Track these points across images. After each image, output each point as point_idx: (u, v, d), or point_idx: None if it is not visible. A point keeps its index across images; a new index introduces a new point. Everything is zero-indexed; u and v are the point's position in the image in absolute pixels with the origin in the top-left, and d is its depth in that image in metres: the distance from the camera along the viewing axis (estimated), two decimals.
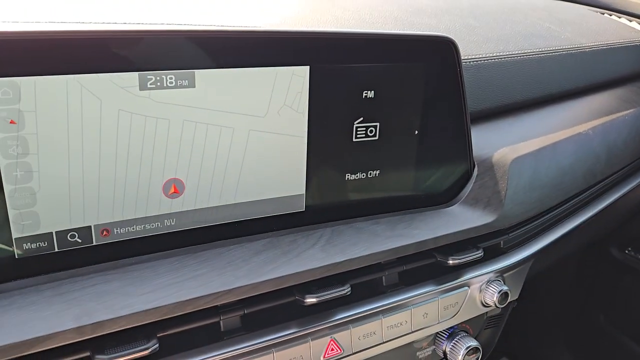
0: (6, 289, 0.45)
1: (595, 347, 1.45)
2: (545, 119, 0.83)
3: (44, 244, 0.47)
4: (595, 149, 0.82)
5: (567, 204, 0.80)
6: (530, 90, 0.84)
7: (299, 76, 0.53)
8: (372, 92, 0.57)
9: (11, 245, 0.45)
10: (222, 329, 0.52)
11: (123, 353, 0.45)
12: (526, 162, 0.70)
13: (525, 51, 0.85)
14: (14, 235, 0.45)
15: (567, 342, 1.51)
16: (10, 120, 0.42)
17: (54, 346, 0.42)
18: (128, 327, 0.45)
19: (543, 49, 0.88)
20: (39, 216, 0.46)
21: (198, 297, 0.48)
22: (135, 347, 0.46)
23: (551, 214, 0.77)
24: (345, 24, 0.80)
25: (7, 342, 0.40)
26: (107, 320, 0.44)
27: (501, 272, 0.69)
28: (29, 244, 0.46)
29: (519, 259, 0.71)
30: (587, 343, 1.47)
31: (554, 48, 0.90)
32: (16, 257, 0.46)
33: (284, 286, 0.52)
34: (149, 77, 0.46)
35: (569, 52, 0.92)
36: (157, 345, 0.47)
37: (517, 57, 0.83)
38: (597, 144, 0.83)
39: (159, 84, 0.47)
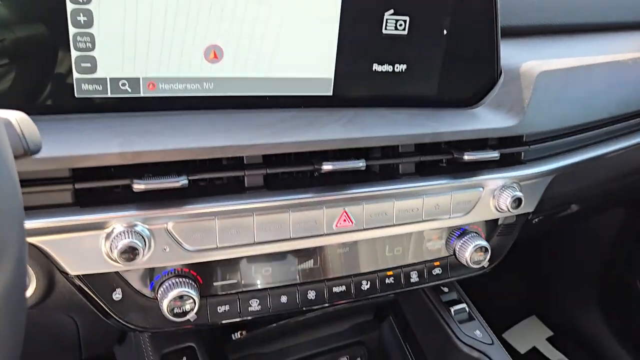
0: (66, 118, 0.52)
1: (628, 312, 1.43)
2: (584, 44, 0.83)
3: (99, 87, 0.54)
4: (633, 79, 0.81)
5: (596, 131, 0.80)
6: (572, 16, 0.84)
7: None
8: None
9: (72, 85, 0.52)
10: (245, 184, 0.58)
11: (157, 181, 0.52)
12: (555, 77, 0.71)
13: None
14: (75, 75, 0.52)
15: (600, 305, 1.50)
16: None
17: (99, 164, 0.50)
18: (162, 160, 0.52)
19: None
20: (97, 61, 0.53)
21: (225, 146, 0.54)
22: (167, 179, 0.53)
23: (577, 136, 0.78)
24: None
25: (62, 153, 0.48)
26: (145, 151, 0.51)
27: (518, 180, 0.71)
28: (86, 84, 0.53)
29: (537, 170, 0.73)
30: (621, 308, 1.46)
31: None
32: (76, 95, 0.53)
33: (304, 150, 0.57)
34: None
35: None
36: (187, 181, 0.54)
37: None
38: (636, 75, 0.82)
39: None
